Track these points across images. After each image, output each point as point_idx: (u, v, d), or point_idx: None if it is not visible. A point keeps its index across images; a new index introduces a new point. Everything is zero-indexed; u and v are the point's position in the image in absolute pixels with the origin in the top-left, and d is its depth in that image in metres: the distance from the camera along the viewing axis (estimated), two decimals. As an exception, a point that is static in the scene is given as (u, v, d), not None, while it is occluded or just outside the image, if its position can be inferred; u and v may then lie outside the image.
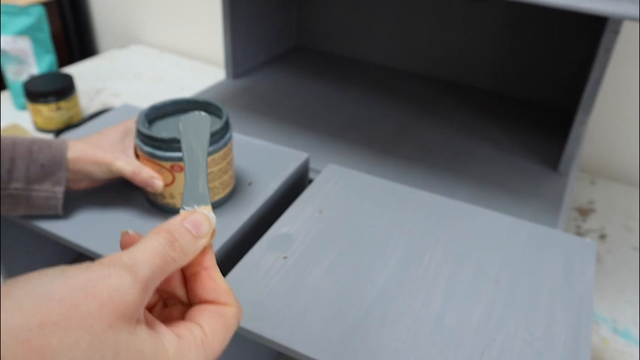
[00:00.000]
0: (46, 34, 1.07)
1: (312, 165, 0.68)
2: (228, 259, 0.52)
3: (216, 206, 0.56)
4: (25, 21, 1.02)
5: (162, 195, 0.55)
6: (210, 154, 0.52)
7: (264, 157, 0.65)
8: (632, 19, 0.50)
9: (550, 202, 0.69)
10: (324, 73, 1.04)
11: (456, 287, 0.48)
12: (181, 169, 0.51)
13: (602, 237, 0.80)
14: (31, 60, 1.05)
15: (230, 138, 0.55)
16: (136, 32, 1.47)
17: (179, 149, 0.51)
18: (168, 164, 0.52)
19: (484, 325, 0.44)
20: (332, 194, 0.59)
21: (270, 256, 0.50)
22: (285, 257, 0.50)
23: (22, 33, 1.02)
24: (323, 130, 0.84)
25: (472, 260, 0.51)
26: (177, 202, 0.55)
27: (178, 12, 1.36)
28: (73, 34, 1.48)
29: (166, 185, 0.53)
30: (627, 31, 0.85)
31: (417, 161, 0.77)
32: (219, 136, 0.53)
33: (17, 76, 1.04)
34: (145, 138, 0.52)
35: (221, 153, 0.54)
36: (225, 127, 0.55)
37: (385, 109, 0.91)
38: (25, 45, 1.03)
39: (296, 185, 0.64)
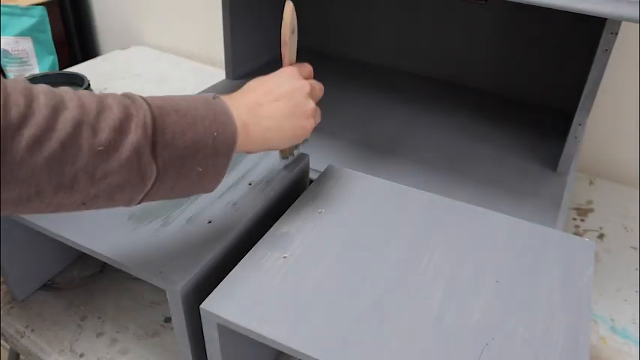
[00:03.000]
0: (47, 35, 1.07)
1: (312, 165, 0.69)
2: (228, 259, 0.52)
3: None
4: (26, 22, 1.03)
5: None
6: None
7: (264, 157, 0.66)
8: (631, 20, 0.51)
9: (549, 202, 0.69)
10: (324, 73, 1.03)
11: (456, 287, 0.48)
12: None
13: (601, 236, 0.80)
14: (32, 61, 1.06)
15: None
16: (137, 33, 1.48)
17: None
18: None
19: (483, 324, 0.45)
20: (332, 194, 0.59)
21: (270, 256, 0.51)
22: (285, 257, 0.50)
23: (23, 34, 1.03)
24: (323, 130, 0.84)
25: (471, 260, 0.51)
26: None
27: (179, 13, 1.36)
28: (74, 35, 1.49)
29: None
30: (626, 31, 0.85)
31: (416, 161, 0.77)
32: None
33: (19, 77, 1.05)
34: None
35: None
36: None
37: (385, 110, 0.91)
38: (26, 46, 1.04)
39: (296, 185, 0.65)
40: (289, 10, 0.54)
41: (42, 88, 0.35)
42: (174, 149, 0.41)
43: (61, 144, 0.35)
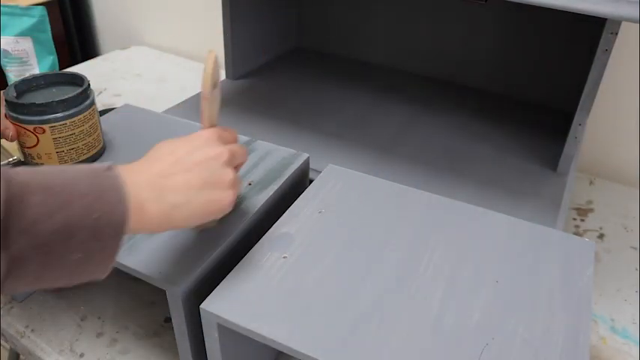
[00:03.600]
0: (47, 35, 1.07)
1: (312, 165, 0.69)
2: (228, 259, 0.52)
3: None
4: (26, 22, 1.03)
5: (30, 155, 0.62)
6: (71, 116, 0.61)
7: (264, 157, 0.66)
8: (630, 20, 0.51)
9: (549, 202, 0.69)
10: (324, 73, 1.04)
11: (456, 287, 0.48)
12: (44, 131, 0.59)
13: (601, 236, 0.80)
14: (32, 61, 1.05)
15: (92, 103, 0.63)
16: (137, 33, 1.48)
17: (40, 113, 0.59)
18: (31, 127, 0.59)
19: (483, 324, 0.45)
20: (332, 194, 0.59)
21: (270, 256, 0.51)
22: (285, 257, 0.50)
23: (23, 34, 1.03)
24: (323, 130, 0.84)
25: (471, 260, 0.51)
26: (44, 161, 0.61)
27: (179, 13, 1.36)
28: (74, 35, 1.48)
29: (32, 147, 0.61)
30: (626, 31, 0.85)
31: (416, 161, 0.77)
32: (80, 100, 0.61)
33: (19, 77, 1.05)
34: (9, 105, 0.60)
35: (81, 117, 0.61)
36: (85, 93, 0.63)
37: (385, 110, 0.91)
38: (26, 46, 1.04)
39: (296, 185, 0.65)
40: (211, 60, 0.47)
41: None
42: (36, 236, 0.34)
43: None
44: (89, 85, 0.64)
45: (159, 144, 0.46)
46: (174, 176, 0.43)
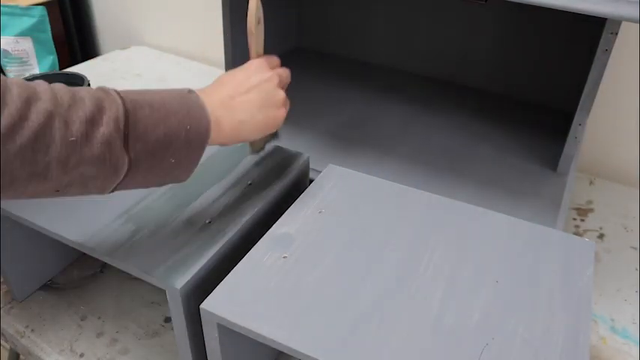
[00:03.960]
0: (47, 35, 1.07)
1: (312, 165, 0.69)
2: (228, 259, 0.52)
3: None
4: (26, 22, 1.03)
5: None
6: None
7: (264, 157, 0.66)
8: (630, 20, 0.51)
9: (549, 202, 0.69)
10: (324, 73, 1.04)
11: (456, 287, 0.48)
12: None
13: (601, 236, 0.80)
14: (32, 61, 1.06)
15: None
16: (137, 33, 1.48)
17: None
18: None
19: (483, 324, 0.45)
20: (332, 194, 0.59)
21: (270, 256, 0.51)
22: (285, 257, 0.50)
23: (23, 34, 1.03)
24: (323, 130, 0.84)
25: (471, 260, 0.51)
26: None
27: (179, 13, 1.36)
28: (74, 35, 1.48)
29: None
30: (626, 31, 0.85)
31: (416, 161, 0.77)
32: None
33: (19, 76, 1.05)
34: None
35: None
36: None
37: (385, 110, 0.91)
38: (26, 46, 1.04)
39: (296, 185, 0.65)
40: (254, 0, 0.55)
41: (15, 81, 0.37)
42: (147, 142, 0.42)
43: (34, 134, 0.36)
44: (89, 84, 0.64)
45: (221, 75, 0.54)
46: (239, 97, 0.51)
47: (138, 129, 0.41)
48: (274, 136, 0.63)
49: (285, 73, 0.58)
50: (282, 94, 0.56)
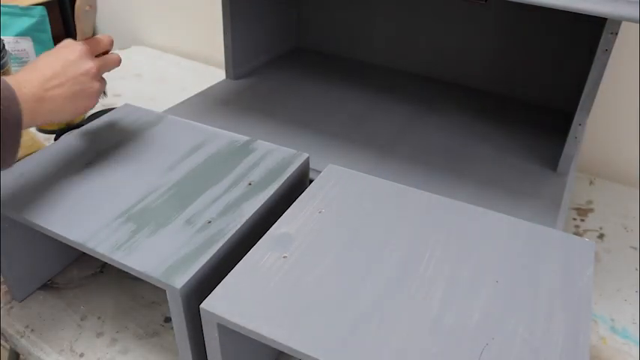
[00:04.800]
0: (47, 35, 1.07)
1: (312, 165, 0.69)
2: (228, 259, 0.52)
3: None
4: (26, 22, 1.03)
5: None
6: None
7: (264, 157, 0.66)
8: (631, 20, 0.51)
9: (549, 202, 0.69)
10: (324, 73, 1.04)
11: (456, 286, 0.48)
12: None
13: (601, 236, 0.80)
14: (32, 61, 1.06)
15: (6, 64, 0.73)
16: (137, 33, 1.48)
17: None
18: None
19: (483, 324, 0.45)
20: (332, 194, 0.59)
21: (270, 256, 0.51)
22: (285, 257, 0.50)
23: (23, 34, 1.03)
24: (323, 130, 0.84)
25: (471, 260, 0.51)
26: None
27: (179, 13, 1.36)
28: (74, 35, 1.48)
29: None
30: (627, 31, 0.85)
31: (416, 161, 0.77)
32: None
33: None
34: None
35: None
36: None
37: (385, 110, 0.91)
38: (26, 46, 1.04)
39: (296, 185, 0.65)
40: None
41: None
42: None
43: None
44: (3, 45, 0.71)
45: (38, 58, 0.58)
46: (52, 90, 0.55)
47: None
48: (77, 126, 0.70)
49: (111, 58, 0.63)
50: (96, 85, 0.59)
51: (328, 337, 0.43)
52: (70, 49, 0.59)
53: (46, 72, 0.55)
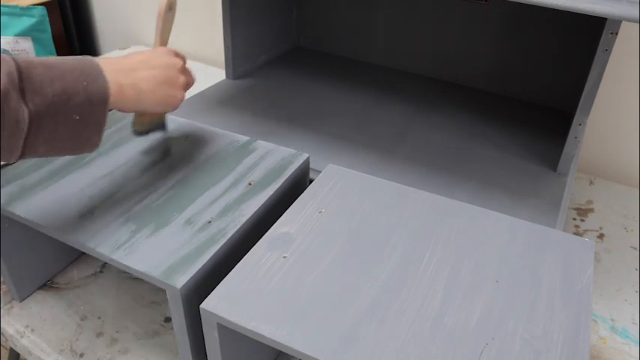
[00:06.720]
0: (47, 35, 1.07)
1: (313, 165, 0.69)
2: (228, 259, 0.52)
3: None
4: (26, 22, 1.03)
5: None
6: None
7: (264, 157, 0.66)
8: (630, 19, 0.51)
9: (549, 202, 0.69)
10: (324, 73, 1.04)
11: (456, 286, 0.48)
12: None
13: (601, 236, 0.80)
14: (32, 61, 1.05)
15: None
16: (137, 33, 1.48)
17: None
18: None
19: (483, 324, 0.45)
20: (332, 194, 0.59)
21: (270, 256, 0.51)
22: (285, 257, 0.50)
23: (23, 34, 1.03)
24: (323, 130, 0.84)
25: (471, 260, 0.51)
26: None
27: (178, 13, 1.36)
28: (74, 35, 1.49)
29: None
30: (626, 31, 0.85)
31: (416, 161, 0.77)
32: None
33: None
34: None
35: None
36: None
37: (385, 110, 0.91)
38: (26, 46, 1.04)
39: (296, 185, 0.65)
40: None
41: None
42: (45, 96, 0.44)
43: None
44: None
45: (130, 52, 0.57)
46: (143, 71, 0.54)
47: (33, 83, 0.43)
48: (162, 127, 0.67)
49: (188, 71, 0.62)
50: (183, 78, 0.59)
51: (328, 337, 0.43)
52: (157, 48, 0.60)
53: (132, 58, 0.55)
